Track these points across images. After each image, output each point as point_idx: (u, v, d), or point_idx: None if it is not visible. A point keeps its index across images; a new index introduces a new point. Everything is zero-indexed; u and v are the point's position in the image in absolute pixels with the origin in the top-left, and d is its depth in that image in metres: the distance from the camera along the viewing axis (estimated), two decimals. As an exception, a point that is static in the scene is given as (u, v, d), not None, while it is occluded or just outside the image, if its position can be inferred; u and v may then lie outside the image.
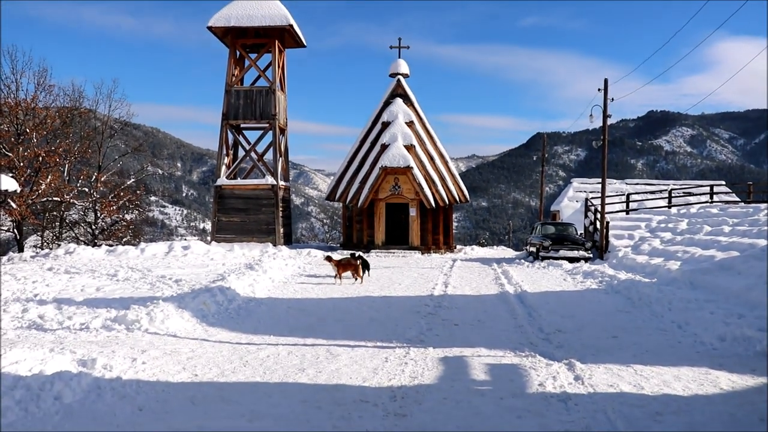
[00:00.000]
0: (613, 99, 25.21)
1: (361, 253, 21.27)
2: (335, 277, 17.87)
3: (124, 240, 36.32)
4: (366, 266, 18.64)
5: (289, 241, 34.18)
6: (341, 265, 17.89)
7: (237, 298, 13.75)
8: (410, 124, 31.80)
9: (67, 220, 35.80)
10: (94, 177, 35.54)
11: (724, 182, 38.33)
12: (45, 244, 34.42)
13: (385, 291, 16.23)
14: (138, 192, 38.39)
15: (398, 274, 20.51)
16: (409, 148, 30.68)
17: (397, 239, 31.72)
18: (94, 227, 35.74)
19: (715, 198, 31.76)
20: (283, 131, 33.82)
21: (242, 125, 33.59)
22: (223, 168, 32.48)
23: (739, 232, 20.31)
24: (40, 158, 29.97)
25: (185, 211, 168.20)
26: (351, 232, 32.85)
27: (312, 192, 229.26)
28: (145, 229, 44.28)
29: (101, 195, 35.60)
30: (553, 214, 38.87)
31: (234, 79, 32.73)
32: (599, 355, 8.97)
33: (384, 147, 30.73)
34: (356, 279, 17.81)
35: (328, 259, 18.35)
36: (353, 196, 31.54)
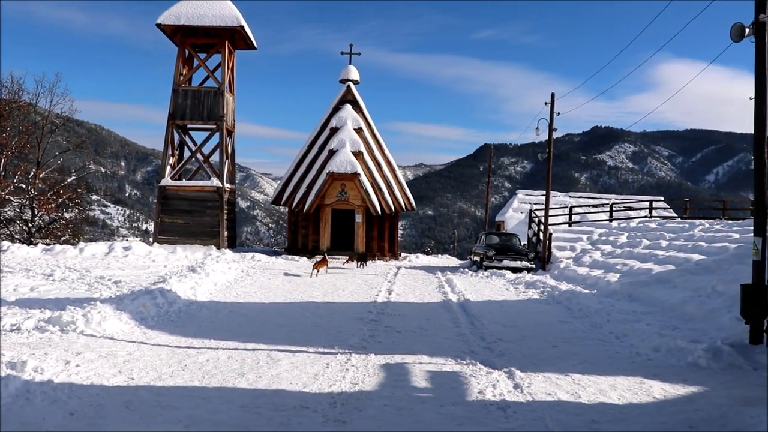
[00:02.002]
0: (559, 113, 25.80)
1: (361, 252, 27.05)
2: (352, 266, 24.89)
3: (62, 239, 35.22)
4: (363, 259, 25.35)
5: (234, 244, 33.74)
6: (350, 259, 25.65)
7: (178, 301, 13.51)
8: (359, 130, 31.77)
9: (1, 218, 34.56)
10: (32, 173, 34.45)
11: (662, 198, 39.39)
12: (-23, 241, 33.15)
13: (328, 297, 16.18)
14: (79, 190, 37.34)
15: (342, 280, 20.48)
16: (357, 154, 30.64)
17: (343, 245, 31.62)
18: (30, 225, 34.60)
19: (654, 213, 32.60)
20: (230, 133, 33.41)
21: (189, 126, 33.01)
22: (168, 168, 31.87)
23: (675, 246, 20.90)
24: (-25, 152, 28.91)
25: (128, 212, 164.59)
26: (296, 237, 32.62)
27: (258, 196, 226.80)
28: (85, 229, 42.93)
29: (39, 192, 34.51)
30: (497, 224, 39.34)
31: (182, 78, 32.17)
32: (539, 364, 9.10)
33: (332, 152, 30.64)
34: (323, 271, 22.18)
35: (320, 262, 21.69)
36: (299, 201, 31.35)
